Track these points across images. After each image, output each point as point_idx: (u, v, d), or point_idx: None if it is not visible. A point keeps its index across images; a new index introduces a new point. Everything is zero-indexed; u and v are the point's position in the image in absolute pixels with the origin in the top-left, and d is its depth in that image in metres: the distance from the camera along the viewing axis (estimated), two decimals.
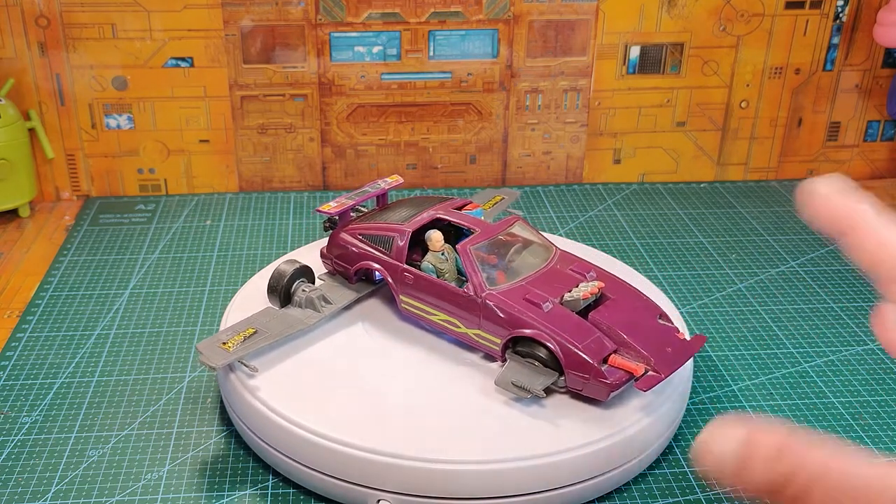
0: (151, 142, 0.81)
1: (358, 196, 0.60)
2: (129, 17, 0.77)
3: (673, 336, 0.49)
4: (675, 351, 0.48)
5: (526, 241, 0.54)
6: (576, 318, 0.49)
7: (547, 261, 0.53)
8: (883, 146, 0.89)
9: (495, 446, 0.45)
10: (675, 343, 0.48)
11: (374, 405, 0.48)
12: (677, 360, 0.47)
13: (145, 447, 0.51)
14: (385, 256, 0.54)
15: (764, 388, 0.57)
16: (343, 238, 0.57)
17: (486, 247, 0.52)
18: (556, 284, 0.51)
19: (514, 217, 0.56)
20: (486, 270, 0.51)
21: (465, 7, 0.79)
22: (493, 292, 0.50)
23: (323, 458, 0.46)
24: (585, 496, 0.47)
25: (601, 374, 0.46)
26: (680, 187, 0.86)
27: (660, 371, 0.46)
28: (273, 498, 0.48)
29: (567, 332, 0.47)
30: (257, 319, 0.53)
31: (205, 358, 0.49)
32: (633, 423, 0.47)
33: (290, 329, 0.53)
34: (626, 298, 0.51)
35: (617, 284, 0.52)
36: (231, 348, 0.50)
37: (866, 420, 0.54)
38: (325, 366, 0.51)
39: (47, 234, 0.76)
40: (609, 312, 0.49)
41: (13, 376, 0.57)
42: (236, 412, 0.50)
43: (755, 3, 0.81)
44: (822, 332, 0.63)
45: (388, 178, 0.63)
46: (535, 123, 0.84)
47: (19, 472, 0.49)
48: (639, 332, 0.48)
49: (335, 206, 0.58)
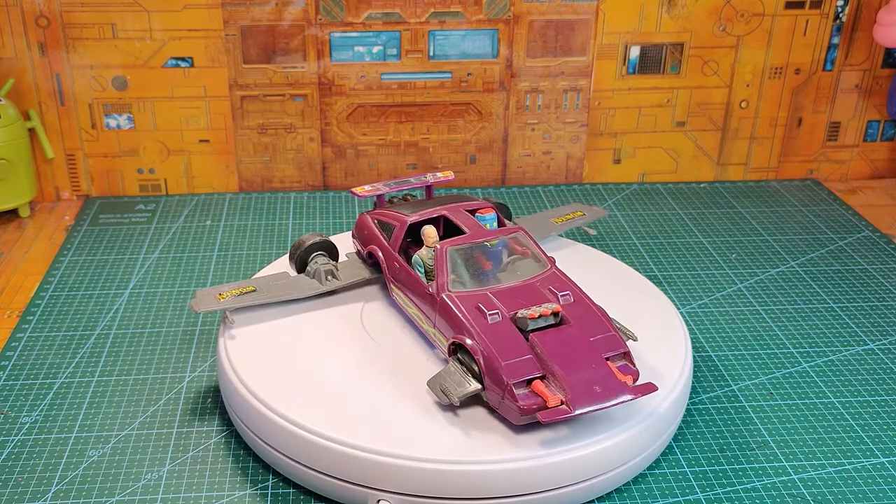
0: (151, 142, 0.81)
1: (396, 184, 0.61)
2: (129, 17, 0.77)
3: (610, 378, 0.45)
4: (602, 392, 0.45)
5: (523, 253, 0.53)
6: (516, 335, 0.47)
7: (532, 276, 0.51)
8: (883, 146, 0.89)
9: (495, 446, 0.45)
10: (610, 385, 0.45)
11: (374, 405, 0.48)
12: (598, 400, 0.44)
13: (145, 447, 0.51)
14: (385, 243, 0.56)
15: (764, 388, 0.57)
16: (364, 220, 0.59)
17: (474, 251, 0.52)
18: (520, 299, 0.49)
19: (516, 227, 0.54)
20: (475, 275, 0.51)
21: (465, 7, 0.79)
22: (451, 294, 0.49)
23: (323, 458, 0.46)
24: (585, 496, 0.47)
25: (514, 395, 0.45)
26: (680, 187, 0.86)
27: (571, 407, 0.44)
28: (273, 498, 0.48)
29: (496, 347, 0.46)
30: (263, 280, 0.56)
31: (195, 302, 0.52)
32: (633, 423, 0.47)
33: (287, 294, 0.55)
34: (585, 328, 0.48)
35: (587, 313, 0.49)
36: (223, 299, 0.53)
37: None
38: (326, 366, 0.51)
39: (47, 234, 0.76)
40: (552, 338, 0.47)
41: (13, 376, 0.57)
42: (236, 412, 0.50)
43: (755, 3, 0.81)
44: (822, 332, 0.63)
45: (438, 173, 0.63)
46: (535, 123, 0.84)
47: (19, 472, 0.49)
48: (569, 363, 0.46)
49: (368, 190, 0.60)
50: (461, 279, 0.51)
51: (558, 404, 0.44)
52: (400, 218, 0.56)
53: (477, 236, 0.53)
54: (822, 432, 0.53)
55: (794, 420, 0.54)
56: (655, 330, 0.55)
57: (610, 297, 0.59)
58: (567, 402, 0.44)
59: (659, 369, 0.51)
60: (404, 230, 0.55)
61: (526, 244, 0.53)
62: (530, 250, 0.53)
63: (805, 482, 0.49)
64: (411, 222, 0.55)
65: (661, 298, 0.59)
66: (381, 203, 0.61)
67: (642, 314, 0.57)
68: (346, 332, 0.54)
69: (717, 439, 0.52)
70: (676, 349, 0.53)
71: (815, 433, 0.53)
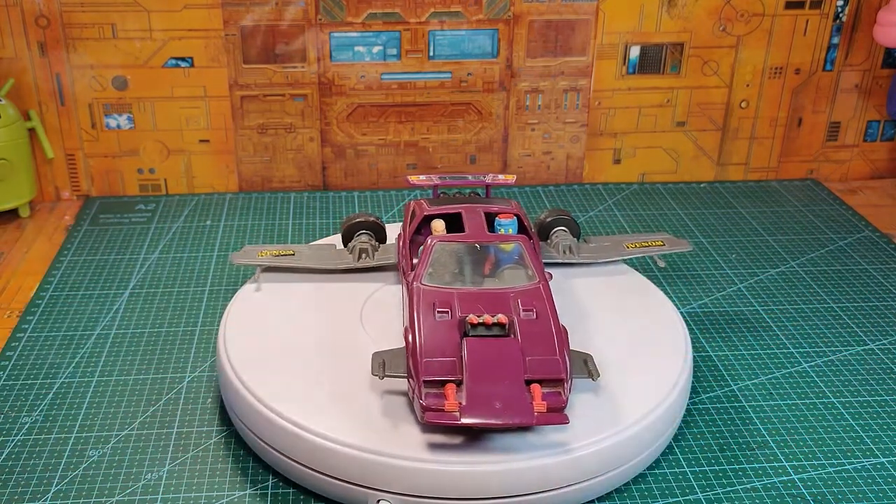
0: (151, 142, 0.81)
1: (451, 179, 0.62)
2: (129, 17, 0.77)
3: (519, 399, 0.44)
4: (501, 410, 0.43)
5: (516, 263, 0.52)
6: (453, 337, 0.47)
7: (512, 286, 0.50)
8: (883, 146, 0.89)
9: (495, 446, 0.45)
10: (514, 405, 0.44)
11: (374, 405, 0.48)
12: (492, 416, 0.43)
13: (145, 447, 0.51)
14: (406, 231, 0.58)
15: (764, 388, 0.57)
16: (406, 207, 0.61)
17: (463, 250, 0.52)
18: (482, 305, 0.49)
19: (518, 236, 0.53)
20: (455, 273, 0.51)
21: (465, 7, 0.79)
22: (420, 285, 0.50)
23: (323, 458, 0.46)
24: (585, 496, 0.47)
25: (420, 392, 0.45)
26: (680, 187, 0.86)
27: (461, 416, 0.43)
28: (273, 498, 0.48)
29: (426, 344, 0.46)
30: (304, 248, 0.61)
31: (236, 254, 0.60)
32: (633, 423, 0.47)
33: (320, 263, 0.60)
34: (527, 346, 0.46)
35: (540, 333, 0.47)
36: (262, 257, 0.60)
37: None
38: (327, 366, 0.51)
39: (47, 234, 0.76)
40: (483, 347, 0.46)
41: (13, 376, 0.57)
42: (236, 412, 0.50)
43: (755, 3, 0.81)
44: (822, 332, 0.63)
45: (500, 175, 0.64)
46: (535, 123, 0.84)
47: (19, 472, 0.49)
48: (482, 374, 0.45)
49: (422, 180, 0.62)
50: (438, 274, 0.51)
51: (453, 410, 0.43)
52: (422, 209, 0.57)
53: (471, 237, 0.53)
54: (822, 432, 0.53)
55: (794, 420, 0.54)
56: (655, 330, 0.55)
57: (610, 296, 0.59)
58: (461, 410, 0.43)
59: (659, 369, 0.51)
60: (419, 220, 0.57)
61: (521, 254, 0.52)
62: (524, 261, 0.52)
63: (805, 482, 0.49)
64: (427, 214, 0.57)
65: (661, 298, 0.59)
66: (434, 194, 0.62)
67: (642, 314, 0.57)
68: (346, 333, 0.54)
69: (717, 439, 0.52)
70: (676, 349, 0.53)
71: (815, 433, 0.53)
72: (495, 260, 0.53)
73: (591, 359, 0.48)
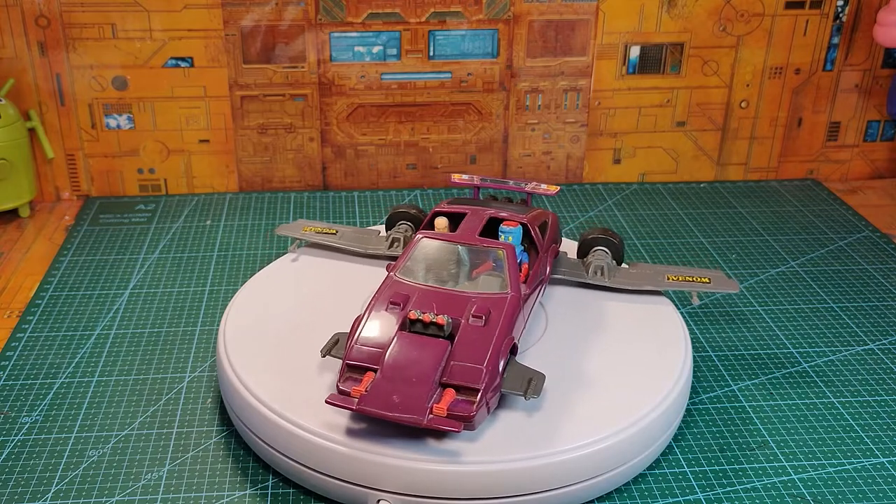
0: (151, 142, 0.81)
1: (492, 182, 0.62)
2: (129, 17, 0.77)
3: (419, 398, 0.44)
4: (398, 405, 0.44)
5: (495, 271, 0.51)
6: (391, 329, 0.47)
7: (479, 292, 0.50)
8: (883, 146, 0.89)
9: (495, 446, 0.45)
10: (411, 403, 0.44)
11: None
12: (387, 409, 0.43)
13: (145, 447, 0.51)
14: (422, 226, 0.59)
15: (764, 388, 0.57)
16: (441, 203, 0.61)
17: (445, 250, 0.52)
18: (435, 304, 0.49)
19: (504, 244, 0.52)
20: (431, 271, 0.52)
21: (465, 7, 0.79)
22: (392, 277, 0.51)
23: (323, 458, 0.46)
24: (585, 496, 0.47)
25: (341, 375, 0.46)
26: (680, 187, 0.86)
27: (359, 403, 0.44)
28: (273, 498, 0.48)
29: (363, 331, 0.48)
30: (348, 230, 0.64)
31: (282, 227, 0.64)
32: (633, 423, 0.47)
33: (356, 246, 0.62)
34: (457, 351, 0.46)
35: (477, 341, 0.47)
36: (305, 232, 0.64)
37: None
38: (327, 366, 0.51)
39: (47, 234, 0.76)
40: (409, 343, 0.46)
41: (13, 376, 0.57)
42: (236, 412, 0.50)
43: (755, 3, 0.81)
44: (822, 332, 0.63)
45: (543, 185, 0.61)
46: (535, 123, 0.84)
47: (19, 472, 0.49)
48: (394, 368, 0.45)
49: (464, 179, 0.63)
50: (414, 269, 0.52)
51: (355, 396, 0.45)
52: (439, 207, 0.58)
53: (457, 239, 0.53)
54: (822, 432, 0.53)
55: (794, 420, 0.54)
56: (655, 330, 0.55)
57: (610, 297, 0.59)
58: (361, 397, 0.44)
59: (659, 369, 0.51)
60: (429, 217, 0.58)
61: (501, 263, 0.51)
62: (503, 270, 0.51)
63: (805, 482, 0.49)
64: (436, 211, 0.58)
65: (660, 298, 0.59)
66: (475, 195, 0.63)
67: (642, 314, 0.57)
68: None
69: (717, 439, 0.52)
70: (676, 349, 0.53)
71: (815, 433, 0.53)
72: (474, 264, 0.52)
73: (541, 378, 0.47)
